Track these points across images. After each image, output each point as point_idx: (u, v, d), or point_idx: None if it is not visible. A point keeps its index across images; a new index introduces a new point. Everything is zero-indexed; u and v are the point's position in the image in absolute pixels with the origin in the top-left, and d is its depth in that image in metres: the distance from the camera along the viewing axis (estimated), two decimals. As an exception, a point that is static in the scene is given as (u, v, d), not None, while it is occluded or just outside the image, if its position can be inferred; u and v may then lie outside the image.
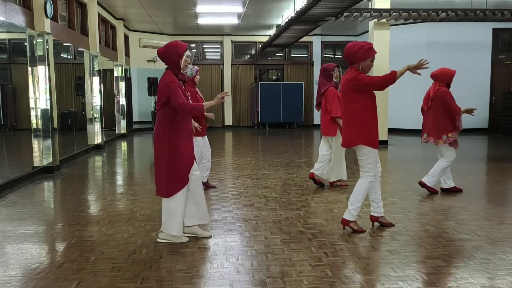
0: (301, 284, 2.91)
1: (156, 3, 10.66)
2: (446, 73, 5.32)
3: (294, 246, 3.63)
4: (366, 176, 3.95)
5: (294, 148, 10.22)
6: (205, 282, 2.97)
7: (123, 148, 11.23)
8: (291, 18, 9.71)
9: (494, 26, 13.05)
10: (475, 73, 12.95)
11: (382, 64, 10.42)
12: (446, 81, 5.30)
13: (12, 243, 3.79)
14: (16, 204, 5.21)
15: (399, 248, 3.57)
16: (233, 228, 4.14)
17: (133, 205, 5.08)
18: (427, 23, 12.17)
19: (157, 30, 14.83)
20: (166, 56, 3.58)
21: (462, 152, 9.82)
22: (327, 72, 5.68)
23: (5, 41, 7.86)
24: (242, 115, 16.26)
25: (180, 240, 3.74)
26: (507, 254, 3.41)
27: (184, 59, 3.57)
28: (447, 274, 3.08)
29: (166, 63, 3.62)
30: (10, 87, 7.98)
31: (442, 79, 5.30)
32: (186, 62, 3.59)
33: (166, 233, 3.74)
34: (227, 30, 14.91)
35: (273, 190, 5.73)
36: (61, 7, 8.51)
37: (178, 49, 3.55)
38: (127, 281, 2.98)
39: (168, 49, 3.57)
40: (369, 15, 9.56)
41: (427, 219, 4.40)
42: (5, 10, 6.01)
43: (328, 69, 5.68)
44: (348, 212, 3.98)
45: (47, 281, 3.00)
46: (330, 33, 15.58)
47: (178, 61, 3.55)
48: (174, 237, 3.73)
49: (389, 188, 5.85)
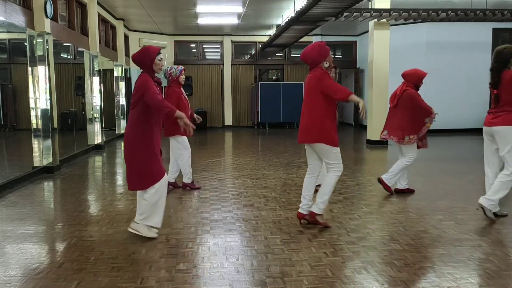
0: (301, 284, 2.91)
1: (156, 3, 10.66)
2: (417, 74, 5.30)
3: (294, 246, 3.63)
4: (334, 171, 4.08)
5: (294, 148, 10.21)
6: (205, 282, 2.97)
7: (123, 148, 11.22)
8: (291, 18, 9.70)
9: (494, 26, 13.04)
10: (475, 73, 12.94)
11: (382, 64, 10.44)
12: (416, 83, 5.30)
13: (12, 243, 3.80)
14: (16, 204, 5.21)
15: (399, 248, 3.57)
16: (233, 228, 4.14)
17: (133, 205, 5.07)
18: (427, 23, 12.17)
19: (157, 30, 14.83)
20: (139, 61, 3.84)
21: (462, 152, 9.86)
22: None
23: (5, 41, 7.86)
24: (242, 115, 16.26)
25: (152, 234, 3.83)
26: (506, 254, 3.42)
27: (156, 62, 3.79)
28: (447, 274, 3.08)
29: (141, 68, 3.87)
30: (10, 87, 7.98)
31: (412, 80, 5.29)
32: (159, 66, 3.82)
33: (141, 224, 3.84)
34: (227, 30, 14.91)
35: (273, 190, 5.74)
36: (61, 7, 8.51)
37: (150, 53, 3.79)
38: (127, 281, 2.98)
39: (141, 55, 3.84)
40: (369, 15, 9.56)
41: (426, 219, 4.40)
42: (5, 10, 6.01)
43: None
44: (316, 205, 4.09)
45: (47, 281, 3.01)
46: (330, 33, 15.56)
47: (150, 65, 3.79)
48: (149, 230, 3.84)
49: (389, 188, 5.86)
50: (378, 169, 7.61)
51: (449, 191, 5.60)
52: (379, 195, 5.46)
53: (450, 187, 5.84)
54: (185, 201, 5.25)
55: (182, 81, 5.61)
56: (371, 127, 10.78)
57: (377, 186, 5.99)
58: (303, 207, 4.17)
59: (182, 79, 5.61)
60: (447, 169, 7.28)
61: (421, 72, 5.31)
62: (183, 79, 5.63)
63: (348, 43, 16.45)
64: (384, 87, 10.46)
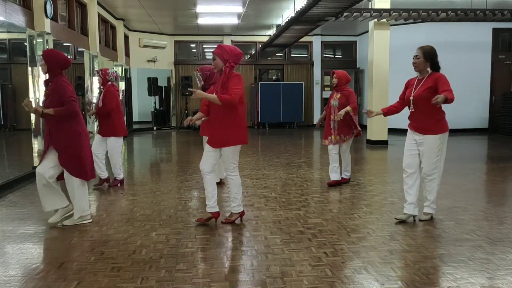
0: (301, 284, 2.91)
1: (156, 3, 10.66)
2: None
3: (294, 246, 3.63)
4: (237, 170, 4.27)
5: (294, 148, 10.21)
6: (205, 282, 2.97)
7: (123, 148, 11.22)
8: (291, 18, 9.70)
9: (494, 26, 13.05)
10: (475, 73, 12.95)
11: (382, 64, 10.44)
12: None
13: (12, 243, 3.80)
14: (16, 204, 5.21)
15: (399, 248, 3.57)
16: (233, 228, 4.14)
17: (133, 205, 5.08)
18: (427, 23, 12.18)
19: (157, 30, 14.83)
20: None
21: (462, 152, 9.85)
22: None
23: (5, 41, 7.86)
24: (242, 115, 16.23)
25: (87, 218, 4.34)
26: (506, 254, 3.41)
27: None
28: (447, 274, 3.08)
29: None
30: (10, 87, 7.98)
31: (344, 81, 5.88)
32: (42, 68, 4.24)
33: (78, 215, 4.27)
34: (227, 30, 14.90)
35: (273, 190, 5.74)
36: (61, 7, 8.50)
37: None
38: (127, 281, 2.98)
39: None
40: (369, 15, 9.56)
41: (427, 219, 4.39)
42: (5, 10, 6.01)
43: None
44: (241, 204, 4.31)
45: (47, 281, 3.01)
46: (330, 33, 15.58)
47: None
48: (82, 217, 4.30)
49: (389, 188, 5.86)
50: (378, 169, 7.61)
51: (449, 191, 5.60)
52: (379, 195, 5.47)
53: (451, 187, 5.83)
54: (185, 201, 5.25)
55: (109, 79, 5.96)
56: (371, 127, 10.78)
57: (377, 186, 6.00)
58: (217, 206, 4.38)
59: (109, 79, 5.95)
60: (447, 169, 7.23)
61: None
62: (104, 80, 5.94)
63: (348, 43, 16.45)
64: (384, 87, 10.46)
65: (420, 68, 4.19)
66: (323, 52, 16.38)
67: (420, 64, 4.16)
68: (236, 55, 4.05)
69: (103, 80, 5.86)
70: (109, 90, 5.82)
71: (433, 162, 4.16)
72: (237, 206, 4.29)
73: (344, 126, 5.80)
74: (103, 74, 5.86)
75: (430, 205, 4.31)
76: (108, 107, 5.77)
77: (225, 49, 4.02)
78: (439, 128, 4.19)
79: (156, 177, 7.03)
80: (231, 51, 4.04)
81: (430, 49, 4.18)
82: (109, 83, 5.86)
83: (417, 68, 4.20)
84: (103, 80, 5.87)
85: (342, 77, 5.83)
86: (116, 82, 6.05)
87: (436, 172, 4.21)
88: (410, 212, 4.27)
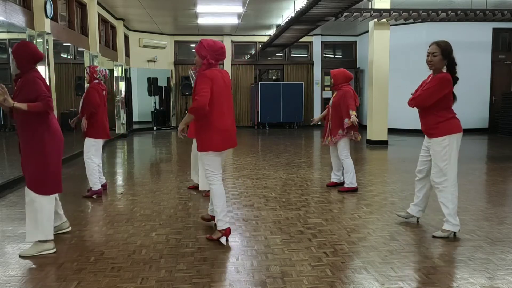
0: (301, 284, 2.91)
1: (156, 3, 10.66)
2: (344, 74, 5.69)
3: (294, 246, 3.63)
4: (216, 179, 3.75)
5: (294, 148, 10.21)
6: (205, 282, 2.97)
7: (123, 148, 11.22)
8: (291, 18, 9.70)
9: (494, 26, 13.05)
10: (475, 73, 12.94)
11: (382, 64, 10.44)
12: (344, 82, 5.70)
13: (12, 243, 3.79)
14: (16, 204, 5.21)
15: (399, 248, 3.57)
16: (233, 228, 4.13)
17: (133, 205, 5.08)
18: (427, 23, 12.17)
19: (157, 30, 14.83)
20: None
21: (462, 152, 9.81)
22: None
23: (5, 41, 7.85)
24: (242, 115, 16.26)
25: (51, 248, 3.54)
26: (506, 254, 3.41)
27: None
28: (447, 274, 3.08)
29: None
30: (10, 87, 7.96)
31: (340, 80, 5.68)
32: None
33: (35, 241, 3.50)
34: (227, 30, 14.91)
35: (273, 190, 5.74)
36: (61, 7, 8.51)
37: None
38: (127, 281, 2.98)
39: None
40: (369, 15, 9.56)
41: (427, 219, 4.39)
42: (5, 10, 6.01)
43: None
44: (223, 220, 3.75)
45: (47, 281, 3.01)
46: (330, 33, 15.59)
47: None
48: (44, 244, 3.51)
49: (389, 188, 5.86)
50: (378, 169, 7.61)
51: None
52: (379, 195, 5.46)
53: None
54: (185, 201, 5.25)
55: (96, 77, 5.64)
56: (371, 127, 10.78)
57: (377, 186, 6.00)
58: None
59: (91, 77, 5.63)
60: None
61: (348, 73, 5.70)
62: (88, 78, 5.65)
63: (348, 43, 16.45)
64: (384, 87, 10.46)
65: (436, 66, 3.71)
66: (323, 52, 16.38)
67: (437, 63, 3.68)
68: (215, 50, 3.60)
69: (90, 78, 5.53)
70: (92, 87, 5.43)
71: (440, 168, 3.76)
72: (220, 221, 3.72)
73: (336, 128, 5.60)
74: (91, 72, 5.52)
75: (447, 221, 3.81)
76: (90, 106, 5.33)
77: (202, 44, 3.61)
78: (444, 128, 3.74)
79: (156, 177, 7.03)
80: (209, 46, 3.60)
81: (447, 44, 3.69)
82: (95, 81, 5.50)
83: (433, 66, 3.71)
84: (90, 78, 5.52)
85: (337, 75, 5.63)
86: (106, 81, 5.74)
87: (446, 180, 3.76)
88: (411, 212, 4.25)
